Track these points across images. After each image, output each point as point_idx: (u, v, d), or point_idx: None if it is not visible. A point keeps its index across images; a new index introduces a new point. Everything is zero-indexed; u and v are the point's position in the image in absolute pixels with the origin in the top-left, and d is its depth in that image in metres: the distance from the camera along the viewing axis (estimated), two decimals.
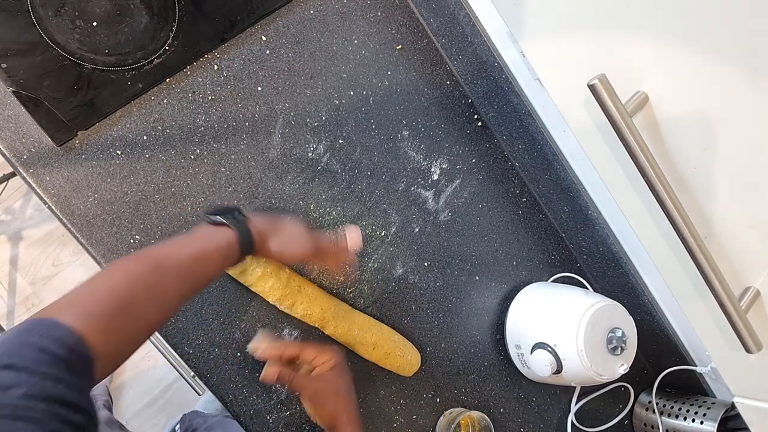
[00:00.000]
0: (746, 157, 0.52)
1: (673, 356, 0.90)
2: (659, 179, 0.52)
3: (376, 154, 0.81)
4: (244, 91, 0.75)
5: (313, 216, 0.78)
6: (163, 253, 0.52)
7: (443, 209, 0.85)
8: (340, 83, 0.79)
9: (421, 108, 0.83)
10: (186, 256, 0.53)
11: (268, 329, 0.75)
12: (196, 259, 0.54)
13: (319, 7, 0.78)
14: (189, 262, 0.53)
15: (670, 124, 0.54)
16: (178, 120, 0.72)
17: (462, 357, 0.86)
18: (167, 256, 0.52)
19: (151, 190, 0.72)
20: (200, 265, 0.54)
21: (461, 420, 0.80)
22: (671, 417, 0.89)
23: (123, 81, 0.69)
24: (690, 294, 0.64)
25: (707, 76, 0.50)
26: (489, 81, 0.84)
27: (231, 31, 0.73)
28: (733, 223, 0.56)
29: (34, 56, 0.65)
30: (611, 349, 0.76)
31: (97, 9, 0.66)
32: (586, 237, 0.90)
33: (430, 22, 0.82)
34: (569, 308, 0.78)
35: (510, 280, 0.89)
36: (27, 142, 0.67)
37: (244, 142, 0.75)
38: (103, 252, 0.70)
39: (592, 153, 0.63)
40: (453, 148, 0.85)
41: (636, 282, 0.88)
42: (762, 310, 0.59)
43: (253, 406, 0.75)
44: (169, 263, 0.51)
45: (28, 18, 0.64)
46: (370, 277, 0.81)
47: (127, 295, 0.45)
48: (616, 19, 0.53)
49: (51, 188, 0.68)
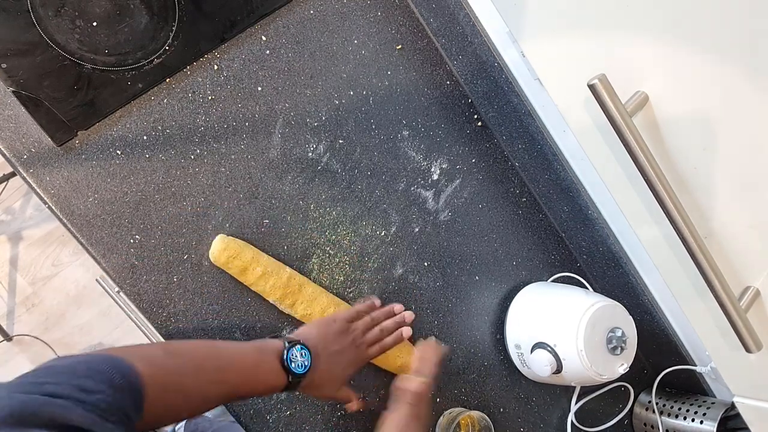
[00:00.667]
0: (746, 157, 0.52)
1: (673, 356, 0.90)
2: (659, 179, 0.52)
3: (376, 154, 0.81)
4: (244, 91, 0.75)
5: (312, 216, 0.78)
6: (229, 363, 0.56)
7: (443, 209, 0.85)
8: (340, 83, 0.79)
9: (421, 108, 0.83)
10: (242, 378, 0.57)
11: (269, 329, 0.75)
12: (247, 384, 0.58)
13: (319, 7, 0.78)
14: (241, 382, 0.58)
15: (670, 124, 0.54)
16: (178, 120, 0.72)
17: (462, 357, 0.86)
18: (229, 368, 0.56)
19: (151, 190, 0.72)
20: (246, 389, 0.58)
21: (461, 420, 0.80)
22: (671, 417, 0.89)
23: (123, 81, 0.69)
24: (690, 294, 0.64)
25: (707, 76, 0.50)
26: (489, 81, 0.84)
27: (231, 31, 0.73)
28: (733, 223, 0.56)
29: (34, 56, 0.65)
30: (611, 348, 0.76)
31: (97, 9, 0.66)
32: (586, 237, 0.90)
33: (430, 22, 0.82)
34: (569, 308, 0.78)
35: (510, 280, 0.89)
36: (27, 142, 0.67)
37: (244, 142, 0.75)
38: (103, 252, 0.70)
39: (592, 153, 0.63)
40: (453, 148, 0.85)
41: (636, 282, 0.88)
42: (762, 309, 0.59)
43: (253, 406, 0.75)
44: (227, 375, 0.56)
45: (28, 18, 0.64)
46: (370, 277, 0.81)
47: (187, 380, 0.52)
48: (616, 19, 0.53)
49: (51, 188, 0.68)
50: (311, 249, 0.78)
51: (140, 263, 0.71)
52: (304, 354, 0.61)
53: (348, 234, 0.80)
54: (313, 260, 0.78)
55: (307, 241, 0.78)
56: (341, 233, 0.80)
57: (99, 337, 1.73)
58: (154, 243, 0.72)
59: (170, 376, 0.50)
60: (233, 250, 0.71)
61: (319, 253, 0.78)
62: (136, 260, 0.71)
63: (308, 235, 0.78)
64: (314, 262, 0.78)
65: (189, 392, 0.52)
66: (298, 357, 0.60)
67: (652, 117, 0.55)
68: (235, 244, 0.72)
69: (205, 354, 0.56)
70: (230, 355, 0.57)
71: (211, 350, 0.57)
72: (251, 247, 0.73)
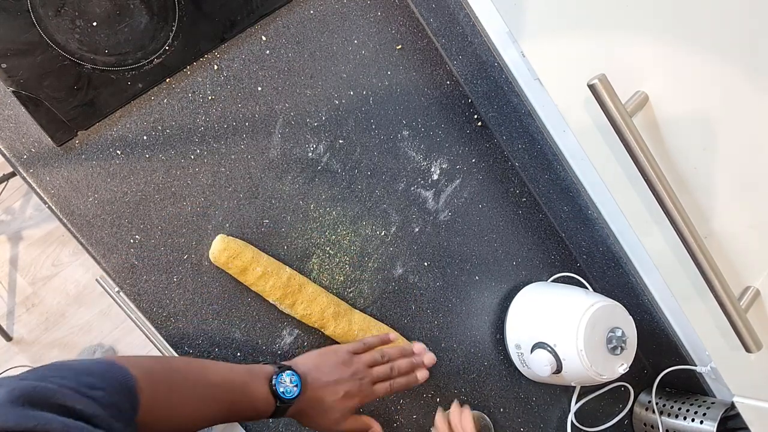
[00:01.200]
0: (746, 157, 0.52)
1: (673, 356, 0.90)
2: (659, 179, 0.52)
3: (376, 154, 0.81)
4: (244, 91, 0.75)
5: (312, 216, 0.78)
6: (219, 385, 0.56)
7: (443, 209, 0.85)
8: (340, 83, 0.79)
9: (421, 108, 0.83)
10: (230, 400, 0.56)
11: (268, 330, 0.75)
12: (234, 406, 0.57)
13: (319, 7, 0.78)
14: (228, 404, 0.56)
15: (670, 124, 0.54)
16: (178, 120, 0.72)
17: (462, 357, 0.86)
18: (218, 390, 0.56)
19: (151, 190, 0.72)
20: (232, 412, 0.57)
21: None
22: (671, 417, 0.89)
23: (123, 81, 0.69)
24: (690, 294, 0.64)
25: (707, 76, 0.50)
26: (489, 81, 0.84)
27: (231, 31, 0.73)
28: (733, 223, 0.56)
29: (34, 56, 0.65)
30: (611, 348, 0.76)
31: (97, 9, 0.66)
32: (586, 237, 0.90)
33: (430, 22, 0.82)
34: (569, 308, 0.78)
35: (510, 280, 0.89)
36: (27, 142, 0.67)
37: (244, 142, 0.75)
38: (103, 252, 0.70)
39: (592, 153, 0.64)
40: (453, 148, 0.85)
41: (636, 282, 0.88)
42: (762, 309, 0.59)
43: None
44: (217, 396, 0.55)
45: (28, 18, 0.64)
46: (370, 277, 0.81)
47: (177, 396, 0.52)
48: (616, 19, 0.53)
49: (51, 188, 0.68)
50: (311, 249, 0.78)
51: (140, 263, 0.71)
52: (294, 380, 0.60)
53: (348, 234, 0.80)
54: (313, 260, 0.78)
55: (307, 241, 0.78)
56: (341, 233, 0.80)
57: (99, 337, 1.73)
58: (154, 243, 0.72)
59: (163, 386, 0.51)
60: (233, 250, 0.71)
61: (319, 253, 0.79)
62: (136, 260, 0.71)
63: (308, 235, 0.78)
64: (314, 262, 0.78)
65: (179, 407, 0.52)
66: (287, 382, 0.60)
67: (652, 117, 0.55)
68: (235, 244, 0.72)
69: (197, 370, 0.56)
70: (220, 374, 0.57)
71: (202, 367, 0.57)
72: (251, 247, 0.73)
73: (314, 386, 0.62)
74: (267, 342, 0.76)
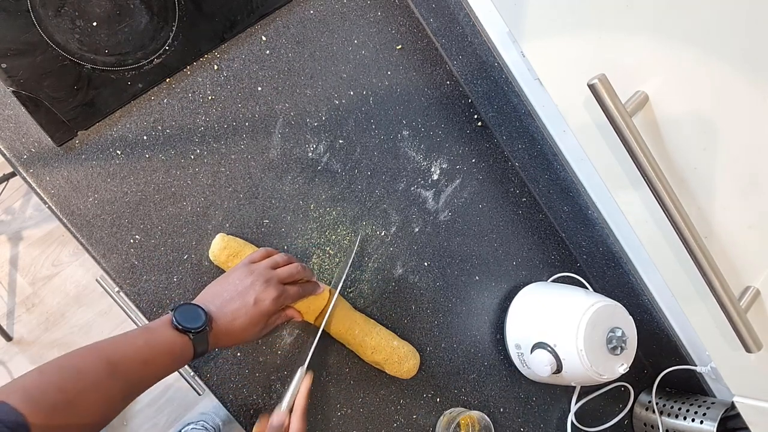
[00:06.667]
0: (746, 157, 0.52)
1: (673, 356, 0.90)
2: (659, 179, 0.52)
3: (376, 154, 0.81)
4: (244, 91, 0.75)
5: (312, 216, 0.78)
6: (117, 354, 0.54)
7: (443, 209, 0.85)
8: (340, 83, 0.79)
9: (421, 108, 0.83)
10: (139, 361, 0.55)
11: None
12: (149, 364, 0.55)
13: (319, 7, 0.78)
14: (141, 366, 0.54)
15: (670, 124, 0.54)
16: (178, 120, 0.72)
17: (462, 357, 0.86)
18: (121, 358, 0.54)
19: (151, 190, 0.72)
20: (151, 369, 0.56)
21: (461, 420, 0.80)
22: (671, 417, 0.89)
23: (123, 81, 0.69)
24: (690, 294, 0.64)
25: (707, 76, 0.50)
26: (489, 81, 0.84)
27: (231, 31, 0.73)
28: (733, 223, 0.56)
29: (34, 56, 0.65)
30: (611, 348, 0.76)
31: (97, 9, 0.66)
32: (586, 237, 0.90)
33: (430, 22, 0.82)
34: (569, 308, 0.78)
35: (510, 280, 0.89)
36: (27, 142, 0.67)
37: (244, 142, 0.75)
38: (103, 252, 0.70)
39: (592, 153, 0.63)
40: (453, 148, 0.85)
41: (636, 282, 0.88)
42: (762, 309, 0.59)
43: (253, 405, 0.75)
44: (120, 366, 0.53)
45: (28, 18, 0.64)
46: (370, 277, 0.81)
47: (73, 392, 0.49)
48: (616, 19, 0.53)
49: (51, 188, 0.68)
50: (311, 249, 0.78)
51: (140, 263, 0.71)
52: (191, 309, 0.60)
53: (348, 234, 0.80)
54: (313, 260, 0.78)
55: (307, 241, 0.78)
56: (341, 233, 0.80)
57: (99, 337, 1.71)
58: (154, 243, 0.72)
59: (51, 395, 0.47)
60: (233, 249, 0.71)
61: (319, 253, 0.79)
62: (136, 260, 0.71)
63: (308, 235, 0.78)
64: (314, 262, 0.78)
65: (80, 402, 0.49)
66: (187, 314, 0.59)
67: (652, 117, 0.55)
68: (235, 242, 0.72)
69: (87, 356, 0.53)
70: (115, 347, 0.54)
71: (92, 351, 0.54)
72: (251, 246, 0.73)
73: (222, 305, 0.62)
74: (267, 341, 0.76)
